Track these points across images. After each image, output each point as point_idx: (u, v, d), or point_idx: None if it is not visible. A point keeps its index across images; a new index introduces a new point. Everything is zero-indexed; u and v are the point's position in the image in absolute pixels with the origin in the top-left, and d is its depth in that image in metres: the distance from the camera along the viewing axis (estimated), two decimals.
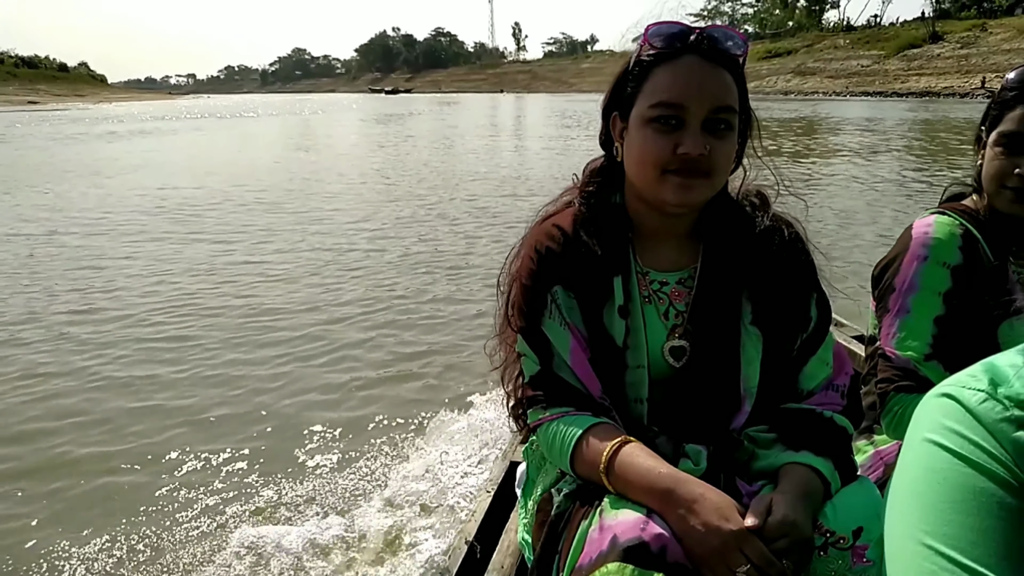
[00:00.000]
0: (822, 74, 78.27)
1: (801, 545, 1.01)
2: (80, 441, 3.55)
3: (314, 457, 3.38)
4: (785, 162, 14.40)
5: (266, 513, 2.94)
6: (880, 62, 73.25)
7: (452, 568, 1.59)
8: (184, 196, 11.21)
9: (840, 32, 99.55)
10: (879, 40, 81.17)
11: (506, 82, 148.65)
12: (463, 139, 23.55)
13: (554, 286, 1.23)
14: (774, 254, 1.26)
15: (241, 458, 3.38)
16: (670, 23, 1.18)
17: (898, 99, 55.39)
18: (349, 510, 2.92)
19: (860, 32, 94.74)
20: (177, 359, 4.54)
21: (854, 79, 71.61)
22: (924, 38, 72.90)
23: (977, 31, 68.37)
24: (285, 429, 3.67)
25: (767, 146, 1.32)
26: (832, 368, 1.28)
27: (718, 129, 1.14)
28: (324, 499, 3.02)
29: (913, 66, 67.24)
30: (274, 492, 3.09)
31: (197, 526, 2.85)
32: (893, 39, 78.07)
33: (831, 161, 14.93)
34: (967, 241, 1.46)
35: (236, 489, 3.12)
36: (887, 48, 75.68)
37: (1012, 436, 0.60)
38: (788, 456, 1.14)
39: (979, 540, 0.59)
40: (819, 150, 17.51)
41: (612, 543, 1.00)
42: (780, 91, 75.85)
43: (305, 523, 2.82)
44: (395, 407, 3.90)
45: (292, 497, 3.04)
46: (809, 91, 72.19)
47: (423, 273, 6.56)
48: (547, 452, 1.25)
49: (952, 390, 0.65)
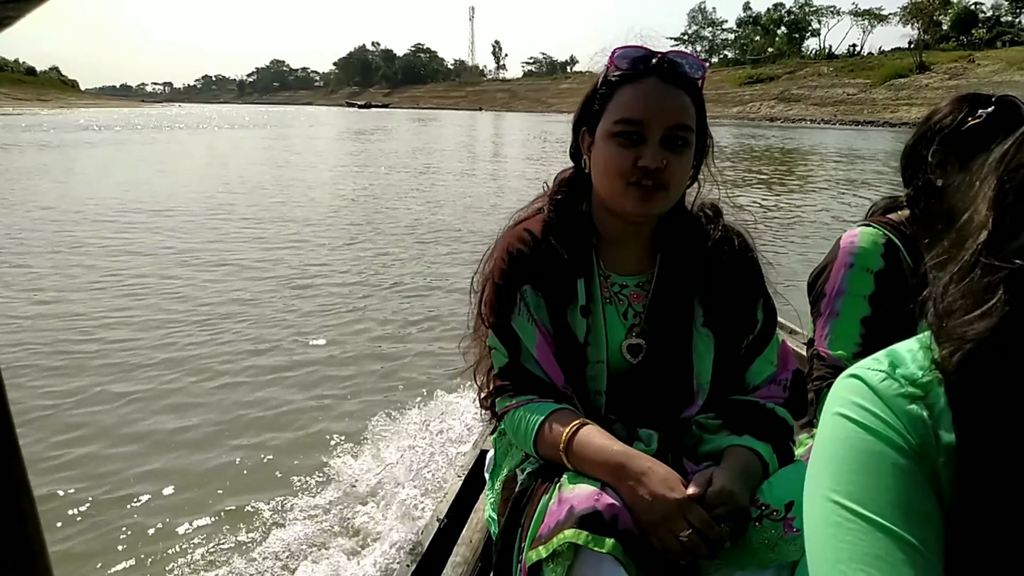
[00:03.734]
0: (807, 101, 77.28)
1: (738, 513, 1.13)
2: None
3: (295, 447, 3.59)
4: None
5: (243, 499, 3.11)
6: (866, 91, 72.56)
7: (424, 542, 1.70)
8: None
9: (822, 60, 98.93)
10: (863, 69, 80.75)
11: (485, 100, 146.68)
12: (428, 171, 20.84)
13: (523, 285, 1.35)
14: (725, 262, 1.38)
15: (208, 448, 3.55)
16: (635, 47, 1.30)
17: (890, 128, 53.76)
18: (328, 494, 3.11)
19: (842, 60, 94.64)
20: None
21: (841, 107, 70.67)
22: (911, 68, 72.11)
23: (964, 62, 67.91)
24: (265, 428, 3.79)
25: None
26: (776, 366, 1.41)
27: (676, 145, 1.27)
28: (304, 484, 3.22)
29: (901, 96, 66.23)
30: (256, 481, 3.28)
31: (159, 517, 2.95)
32: (877, 68, 77.65)
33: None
34: (889, 249, 1.60)
35: (206, 478, 3.28)
36: (872, 77, 75.09)
37: (906, 408, 0.71)
38: (731, 440, 1.28)
39: (876, 495, 0.69)
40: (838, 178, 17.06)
41: (569, 513, 1.10)
42: (765, 117, 74.40)
43: (286, 506, 3.03)
44: (374, 402, 4.10)
45: (272, 481, 3.26)
46: (795, 118, 70.92)
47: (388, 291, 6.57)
48: (513, 436, 1.36)
49: (859, 371, 0.76)
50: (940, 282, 0.76)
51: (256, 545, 2.77)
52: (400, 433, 3.67)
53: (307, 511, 2.99)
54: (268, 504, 3.05)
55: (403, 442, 3.55)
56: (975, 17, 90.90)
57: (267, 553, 2.70)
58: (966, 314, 0.71)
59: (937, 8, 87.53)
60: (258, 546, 2.75)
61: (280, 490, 3.18)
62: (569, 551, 1.09)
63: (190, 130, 42.05)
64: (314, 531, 2.84)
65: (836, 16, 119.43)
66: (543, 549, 1.11)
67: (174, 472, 3.34)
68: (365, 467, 3.34)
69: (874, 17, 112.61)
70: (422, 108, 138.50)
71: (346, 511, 2.97)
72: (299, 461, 3.44)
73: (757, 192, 13.93)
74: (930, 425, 0.71)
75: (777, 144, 32.02)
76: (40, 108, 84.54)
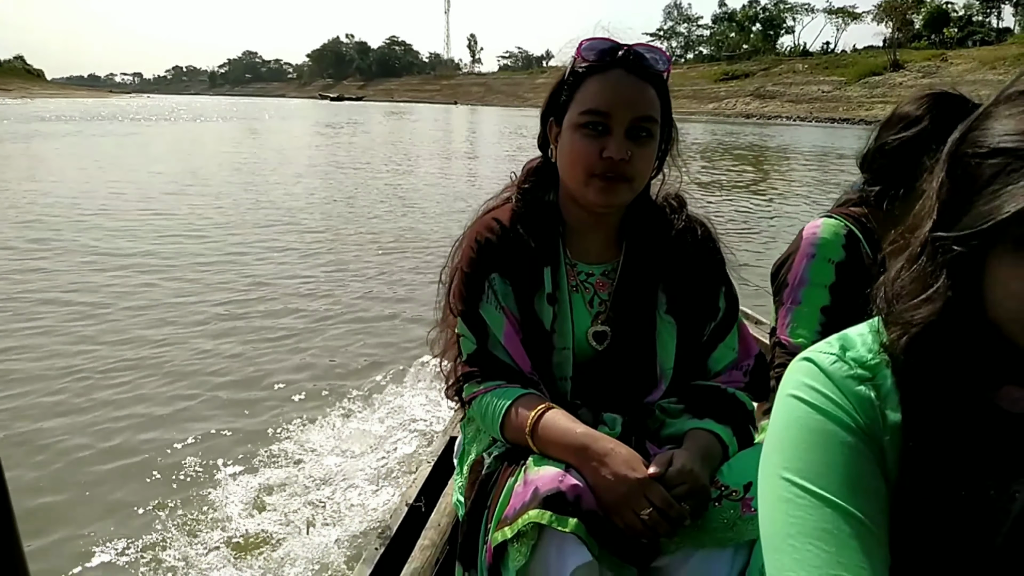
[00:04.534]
0: (782, 98, 77.17)
1: (698, 493, 1.15)
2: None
3: (266, 432, 3.59)
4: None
5: (217, 483, 3.11)
6: (841, 88, 72.62)
7: (393, 526, 1.72)
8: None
9: (796, 57, 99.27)
10: (837, 66, 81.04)
11: (460, 94, 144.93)
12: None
13: (492, 274, 1.37)
14: (688, 251, 1.42)
15: (175, 429, 3.58)
16: (601, 39, 1.31)
17: (865, 126, 53.63)
18: (299, 481, 3.09)
19: (817, 58, 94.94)
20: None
21: (816, 104, 70.61)
22: (885, 66, 72.43)
23: (938, 61, 68.41)
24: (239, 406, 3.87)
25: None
26: (738, 353, 1.45)
27: (640, 137, 1.30)
28: (278, 467, 3.24)
29: (876, 93, 66.26)
30: (231, 462, 3.28)
31: (119, 510, 2.91)
32: (852, 66, 77.88)
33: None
34: (850, 240, 1.63)
35: (173, 458, 3.30)
36: (847, 75, 75.24)
37: (855, 389, 0.75)
38: (693, 423, 1.32)
39: (825, 471, 0.73)
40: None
41: (534, 494, 1.13)
42: (741, 114, 74.24)
43: (264, 488, 3.04)
44: (345, 392, 4.08)
45: (248, 465, 3.26)
46: (771, 115, 70.76)
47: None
48: (480, 421, 1.38)
49: (811, 355, 0.80)
50: (891, 269, 0.79)
51: (222, 532, 2.76)
52: (369, 422, 3.71)
53: (276, 496, 2.99)
54: (237, 490, 3.05)
55: (371, 427, 3.64)
56: (947, 16, 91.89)
57: (237, 537, 2.72)
58: (912, 299, 0.74)
59: (910, 7, 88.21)
60: (224, 533, 2.76)
61: (248, 476, 3.17)
62: (533, 531, 1.11)
63: (149, 122, 39.31)
64: (283, 516, 2.84)
65: (810, 13, 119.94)
66: (508, 530, 1.13)
67: (138, 453, 3.37)
68: (334, 455, 3.37)
69: (848, 15, 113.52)
70: (396, 101, 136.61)
71: (315, 498, 2.98)
72: (265, 448, 3.43)
73: (740, 198, 13.20)
74: (877, 405, 0.75)
75: (757, 142, 31.60)
76: (1, 97, 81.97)
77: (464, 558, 1.29)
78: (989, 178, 0.67)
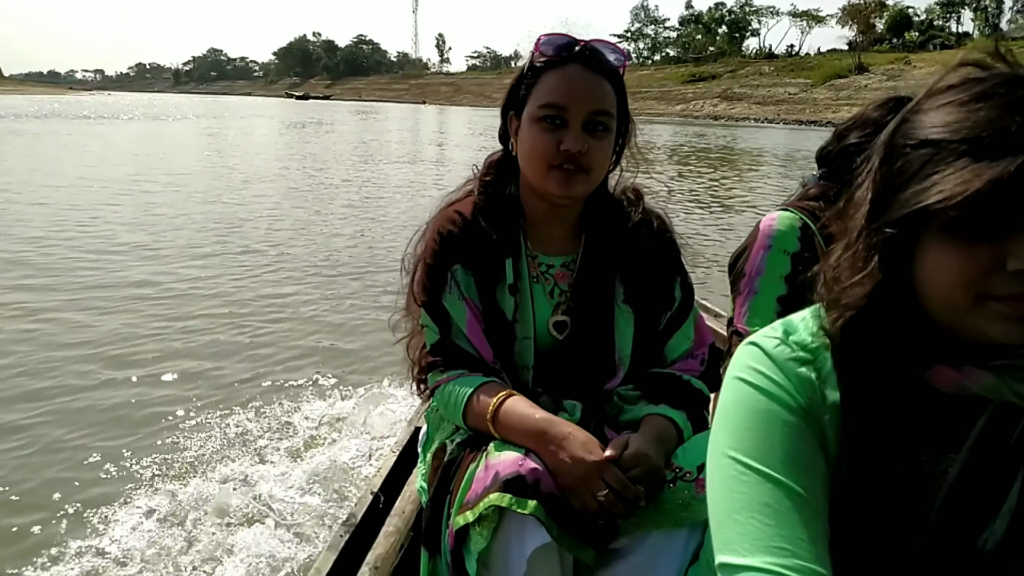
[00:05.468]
0: (750, 100, 77.71)
1: (653, 474, 1.20)
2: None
3: (232, 427, 3.63)
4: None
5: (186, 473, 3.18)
6: (807, 91, 73.36)
7: (358, 514, 1.73)
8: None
9: (762, 59, 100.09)
10: (803, 69, 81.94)
11: (428, 93, 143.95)
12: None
13: (454, 265, 1.40)
14: (644, 243, 1.46)
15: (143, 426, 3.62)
16: (559, 35, 1.35)
17: (833, 128, 53.85)
18: (266, 474, 3.13)
19: (782, 60, 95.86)
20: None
21: (783, 106, 71.15)
22: (850, 69, 73.21)
23: (901, 64, 69.35)
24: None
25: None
26: (693, 341, 1.49)
27: (597, 130, 1.33)
28: (245, 462, 3.29)
29: (842, 96, 66.89)
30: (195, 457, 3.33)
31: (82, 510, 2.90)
32: (817, 68, 78.70)
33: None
34: (805, 233, 1.68)
35: (145, 453, 3.33)
36: (813, 77, 76.09)
37: (796, 371, 0.79)
38: (649, 408, 1.36)
39: (767, 449, 0.76)
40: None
41: (494, 478, 1.16)
42: (709, 115, 74.49)
43: (227, 483, 3.07)
44: (313, 386, 4.15)
45: (210, 462, 3.28)
46: (739, 116, 71.06)
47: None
48: (443, 409, 1.41)
49: (756, 339, 0.84)
50: (830, 254, 0.83)
51: (190, 522, 2.80)
52: (332, 413, 3.77)
53: (242, 489, 3.01)
54: (202, 482, 3.10)
55: (334, 415, 3.72)
56: (909, 20, 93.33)
57: (204, 529, 2.76)
58: (848, 283, 0.78)
59: (874, 11, 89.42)
60: (192, 523, 2.80)
61: (214, 472, 3.21)
62: (494, 514, 1.14)
63: (102, 120, 38.22)
64: (247, 507, 2.88)
65: (775, 16, 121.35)
66: (470, 514, 1.16)
67: (101, 453, 3.36)
68: (299, 447, 3.43)
69: (812, 18, 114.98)
70: (364, 100, 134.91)
71: (278, 491, 3.00)
72: (230, 449, 3.44)
73: (708, 199, 12.92)
74: (817, 385, 0.79)
75: (726, 144, 31.45)
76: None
77: (428, 543, 1.32)
78: (918, 167, 0.71)
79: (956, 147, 0.68)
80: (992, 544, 0.75)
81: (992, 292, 0.69)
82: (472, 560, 1.17)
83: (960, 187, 0.66)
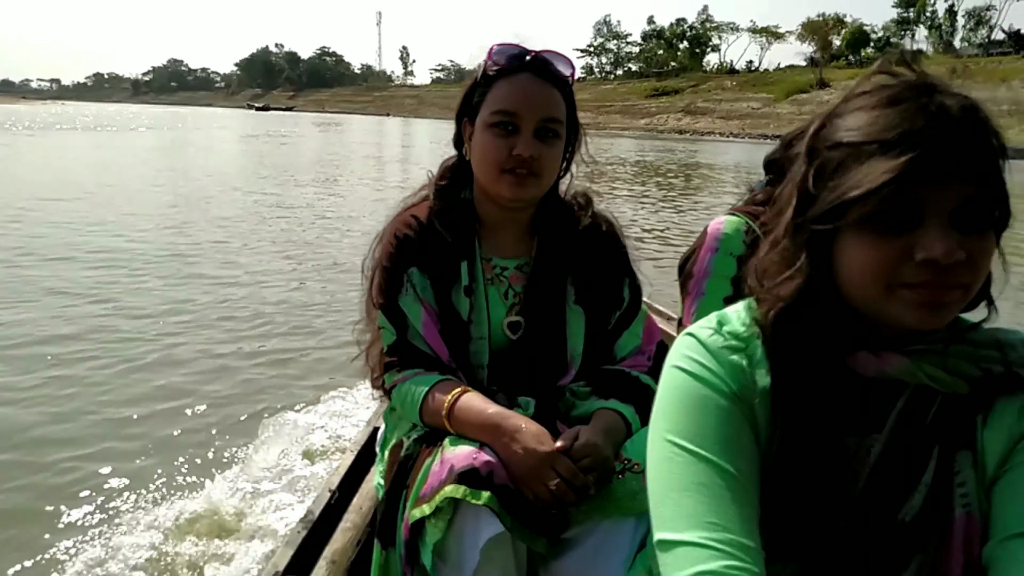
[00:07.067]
0: (713, 114, 78.21)
1: (602, 464, 1.24)
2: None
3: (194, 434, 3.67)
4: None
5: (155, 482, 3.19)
6: (770, 105, 73.90)
7: (315, 511, 1.73)
8: None
9: (724, 74, 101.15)
10: (765, 84, 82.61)
11: (392, 106, 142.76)
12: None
13: (410, 268, 1.44)
14: (594, 245, 1.53)
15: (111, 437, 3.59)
16: (510, 45, 1.42)
17: None
18: (225, 480, 3.16)
19: (744, 75, 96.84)
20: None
21: (747, 121, 71.72)
22: (811, 84, 74.15)
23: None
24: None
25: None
26: (642, 339, 1.56)
27: (547, 136, 1.40)
28: (204, 467, 3.34)
29: (805, 110, 67.30)
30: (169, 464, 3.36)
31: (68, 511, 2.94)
32: (778, 83, 79.44)
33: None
34: (751, 236, 1.73)
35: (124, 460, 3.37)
36: (775, 92, 76.67)
37: (728, 358, 0.84)
38: (599, 403, 1.42)
39: (701, 432, 0.80)
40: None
41: (449, 471, 1.20)
42: (673, 129, 74.77)
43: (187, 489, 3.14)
44: (268, 391, 4.23)
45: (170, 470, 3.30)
46: (703, 131, 71.49)
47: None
48: (401, 407, 1.43)
49: (692, 330, 0.89)
50: (760, 250, 0.88)
51: (150, 519, 2.84)
52: (291, 421, 3.74)
53: (202, 492, 3.08)
54: (162, 480, 3.20)
55: (293, 421, 3.73)
56: (867, 37, 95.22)
57: (162, 525, 2.79)
58: (777, 277, 0.83)
59: (832, 28, 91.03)
60: (152, 520, 2.83)
61: (172, 473, 3.28)
62: (449, 506, 1.17)
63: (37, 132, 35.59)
64: (201, 509, 2.89)
65: (735, 32, 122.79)
66: (427, 507, 1.19)
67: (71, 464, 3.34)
68: (258, 443, 3.51)
69: (771, 34, 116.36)
70: (328, 112, 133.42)
71: (236, 494, 3.02)
72: (193, 451, 3.48)
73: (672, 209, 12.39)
74: (749, 372, 0.84)
75: (690, 160, 31.04)
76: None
77: (383, 536, 1.34)
78: (835, 167, 0.77)
79: (867, 147, 0.74)
80: (911, 516, 0.80)
81: (902, 280, 0.75)
82: (428, 552, 1.20)
83: (867, 181, 0.72)
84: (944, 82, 0.77)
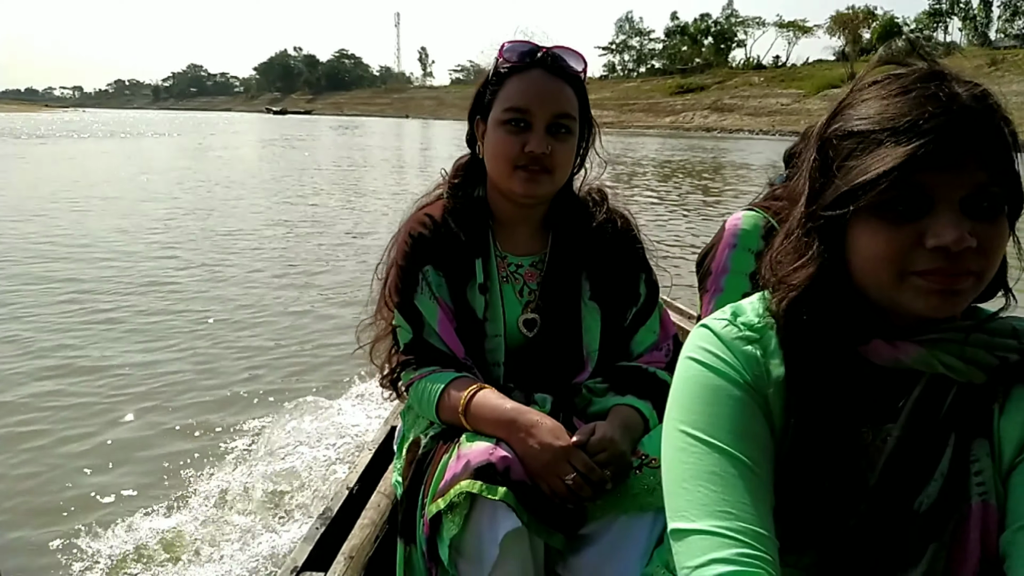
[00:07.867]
0: (741, 111, 76.45)
1: (618, 459, 1.25)
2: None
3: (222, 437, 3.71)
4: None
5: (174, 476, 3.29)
6: (800, 101, 71.94)
7: (333, 508, 1.76)
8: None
9: (750, 70, 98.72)
10: (793, 79, 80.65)
11: (412, 107, 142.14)
12: None
13: (425, 266, 1.44)
14: (609, 241, 1.51)
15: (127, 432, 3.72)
16: (522, 42, 1.41)
17: None
18: (246, 478, 3.20)
19: (771, 71, 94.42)
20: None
21: (777, 117, 69.71)
22: (842, 79, 71.69)
23: None
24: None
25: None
26: (658, 335, 1.55)
27: (559, 132, 1.39)
28: (224, 465, 3.38)
29: None
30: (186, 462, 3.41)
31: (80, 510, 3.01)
32: (808, 79, 77.31)
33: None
34: (768, 231, 1.73)
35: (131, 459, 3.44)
36: (804, 87, 74.64)
37: (743, 349, 0.84)
38: (616, 400, 1.41)
39: (715, 422, 0.81)
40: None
41: (465, 467, 1.20)
42: (700, 127, 72.89)
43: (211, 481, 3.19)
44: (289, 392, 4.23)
45: (200, 466, 3.37)
46: (732, 128, 69.64)
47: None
48: (417, 405, 1.44)
49: (707, 321, 0.89)
50: (775, 240, 0.89)
51: (168, 517, 2.91)
52: (311, 418, 3.81)
53: (224, 490, 3.11)
54: (186, 477, 3.25)
55: (315, 423, 3.76)
56: (899, 30, 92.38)
57: (185, 522, 2.86)
58: (791, 266, 0.83)
59: (862, 21, 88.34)
60: (169, 517, 2.90)
61: (193, 471, 3.32)
62: (466, 501, 1.18)
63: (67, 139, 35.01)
64: (223, 506, 2.97)
65: (761, 27, 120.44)
66: (442, 501, 1.20)
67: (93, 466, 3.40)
68: (280, 445, 3.51)
69: (799, 29, 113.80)
70: (346, 115, 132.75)
71: (255, 491, 3.07)
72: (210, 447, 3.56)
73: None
74: (763, 362, 0.84)
75: (736, 159, 29.22)
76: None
77: (404, 533, 1.35)
78: (847, 156, 0.78)
79: (877, 135, 0.75)
80: (927, 505, 0.80)
81: (914, 268, 0.75)
82: (445, 547, 1.20)
83: (877, 167, 0.73)
84: (955, 71, 0.78)
